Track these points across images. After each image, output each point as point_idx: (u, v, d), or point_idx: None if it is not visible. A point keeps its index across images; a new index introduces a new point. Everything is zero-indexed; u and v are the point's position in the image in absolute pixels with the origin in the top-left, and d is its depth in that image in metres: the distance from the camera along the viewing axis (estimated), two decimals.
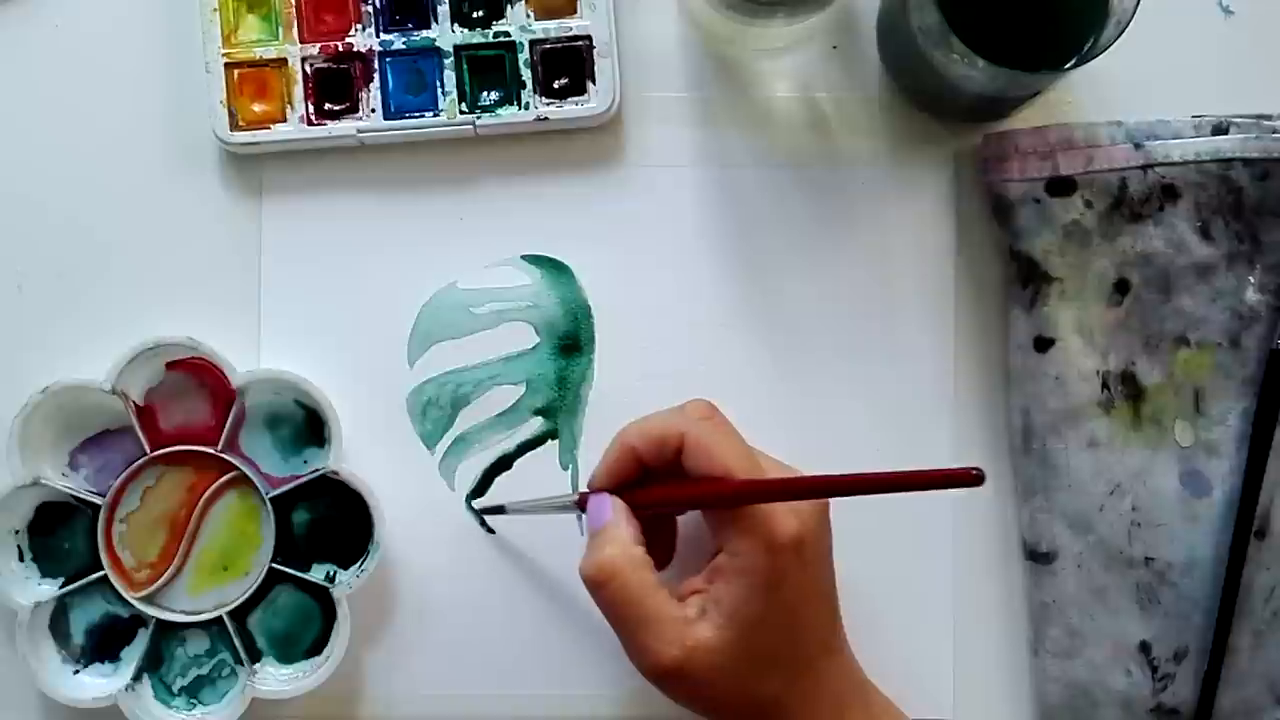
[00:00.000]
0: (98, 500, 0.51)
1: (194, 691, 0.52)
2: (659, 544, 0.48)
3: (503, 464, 0.53)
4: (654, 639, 0.43)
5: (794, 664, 0.45)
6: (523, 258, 0.53)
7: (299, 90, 0.52)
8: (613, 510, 0.45)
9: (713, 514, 0.45)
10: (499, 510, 0.52)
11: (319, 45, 0.52)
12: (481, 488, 0.53)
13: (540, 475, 0.53)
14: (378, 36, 0.52)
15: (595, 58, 0.52)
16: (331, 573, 0.52)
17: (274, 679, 0.51)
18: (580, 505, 0.47)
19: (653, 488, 0.46)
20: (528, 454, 0.53)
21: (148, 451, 0.51)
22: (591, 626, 0.52)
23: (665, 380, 0.52)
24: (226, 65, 0.52)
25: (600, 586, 0.44)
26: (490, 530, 0.53)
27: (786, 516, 0.43)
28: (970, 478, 0.39)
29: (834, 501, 0.46)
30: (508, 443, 0.53)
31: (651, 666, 0.44)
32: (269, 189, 0.53)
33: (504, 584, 0.53)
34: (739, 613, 0.43)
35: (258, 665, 0.52)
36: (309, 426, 0.52)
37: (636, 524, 0.45)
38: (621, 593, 0.44)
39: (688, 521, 0.50)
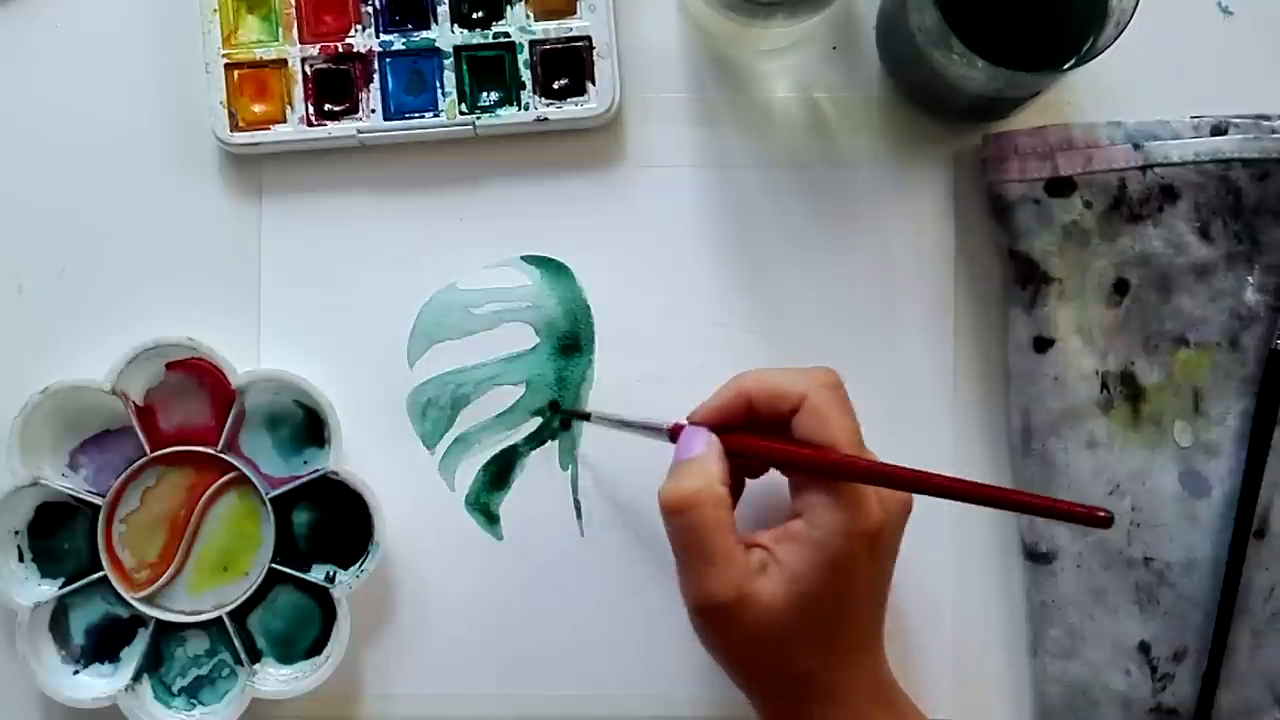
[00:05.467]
0: (98, 500, 0.51)
1: (194, 692, 0.52)
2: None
3: (504, 464, 0.53)
4: (714, 575, 0.43)
5: (835, 648, 0.44)
6: (523, 258, 0.53)
7: (299, 91, 0.52)
8: (706, 444, 0.45)
9: (800, 481, 0.44)
10: (584, 416, 0.52)
11: (319, 46, 0.52)
12: (486, 486, 0.53)
13: (540, 475, 0.53)
14: (378, 37, 0.52)
15: (595, 58, 0.52)
16: (331, 573, 0.52)
17: (274, 679, 0.51)
18: (672, 435, 0.47)
19: (756, 437, 0.46)
20: (530, 454, 0.53)
21: (148, 452, 0.51)
22: (590, 627, 0.52)
23: (665, 380, 0.53)
24: (226, 66, 0.52)
25: (676, 513, 0.44)
26: (499, 537, 0.53)
27: (874, 505, 0.43)
28: (1098, 519, 0.38)
29: None
30: (507, 443, 0.53)
31: (703, 600, 0.43)
32: (269, 189, 0.53)
33: (504, 584, 0.53)
34: (799, 580, 0.43)
35: (257, 665, 0.52)
36: (309, 426, 0.52)
37: (727, 464, 0.45)
38: (696, 524, 0.43)
39: (760, 482, 0.49)
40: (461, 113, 0.52)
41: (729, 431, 0.46)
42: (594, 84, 0.52)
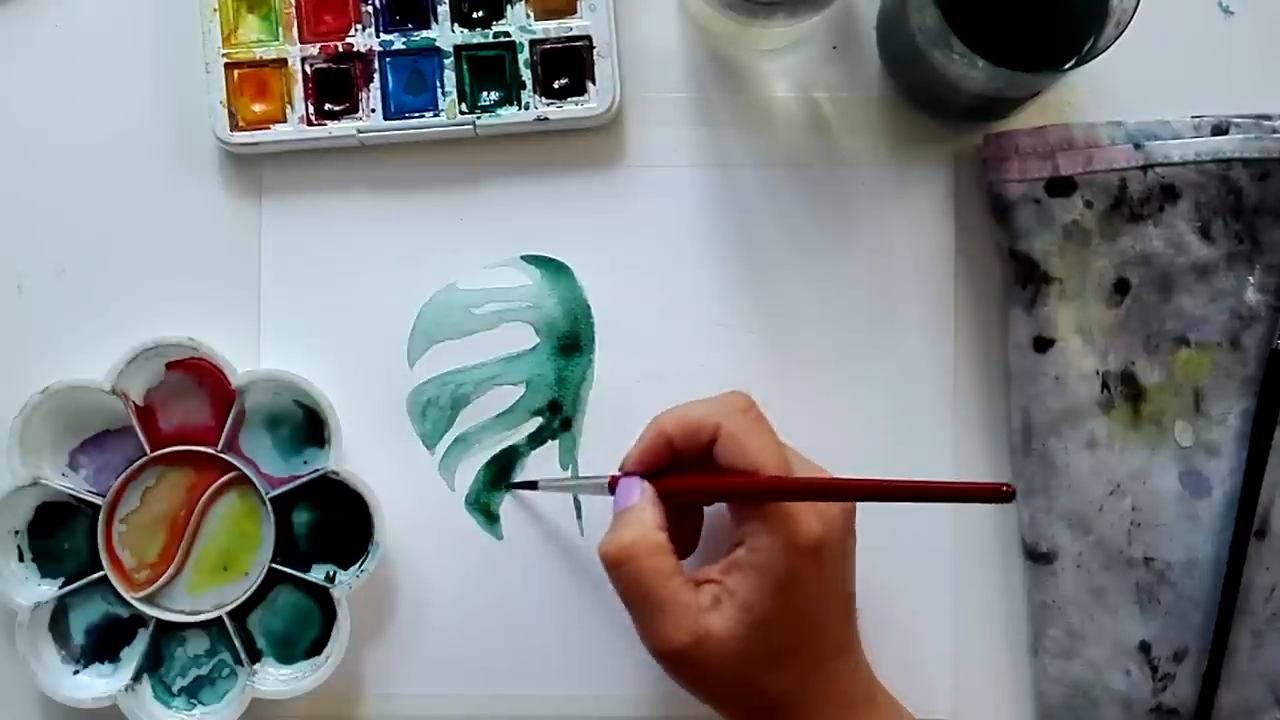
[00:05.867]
0: (98, 500, 0.51)
1: (194, 691, 0.52)
2: (684, 533, 0.48)
3: (504, 464, 0.53)
4: (666, 622, 0.43)
5: (803, 663, 0.45)
6: (523, 258, 0.53)
7: (299, 90, 0.52)
8: (640, 493, 0.45)
9: (737, 508, 0.45)
10: (531, 486, 0.52)
11: (319, 45, 0.52)
12: (486, 486, 0.53)
13: (540, 476, 0.53)
14: (378, 36, 0.52)
15: (595, 58, 0.52)
16: (331, 573, 0.52)
17: (274, 679, 0.51)
18: (611, 487, 0.47)
19: (682, 476, 0.46)
20: (530, 454, 0.53)
21: (148, 452, 0.51)
22: (590, 627, 0.52)
23: (665, 380, 0.53)
24: (226, 65, 0.52)
25: (618, 566, 0.44)
26: (499, 537, 0.53)
27: (810, 518, 0.43)
28: (1000, 494, 0.39)
29: None
30: (507, 443, 0.53)
31: (660, 649, 0.44)
32: (269, 189, 0.53)
33: (504, 584, 0.53)
34: (751, 608, 0.43)
35: (257, 665, 0.52)
36: (309, 426, 0.52)
37: (662, 509, 0.45)
38: (638, 575, 0.44)
39: (712, 513, 0.50)
40: (461, 112, 0.52)
41: (662, 474, 0.46)
42: (594, 84, 0.52)
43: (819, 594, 0.44)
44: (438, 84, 0.52)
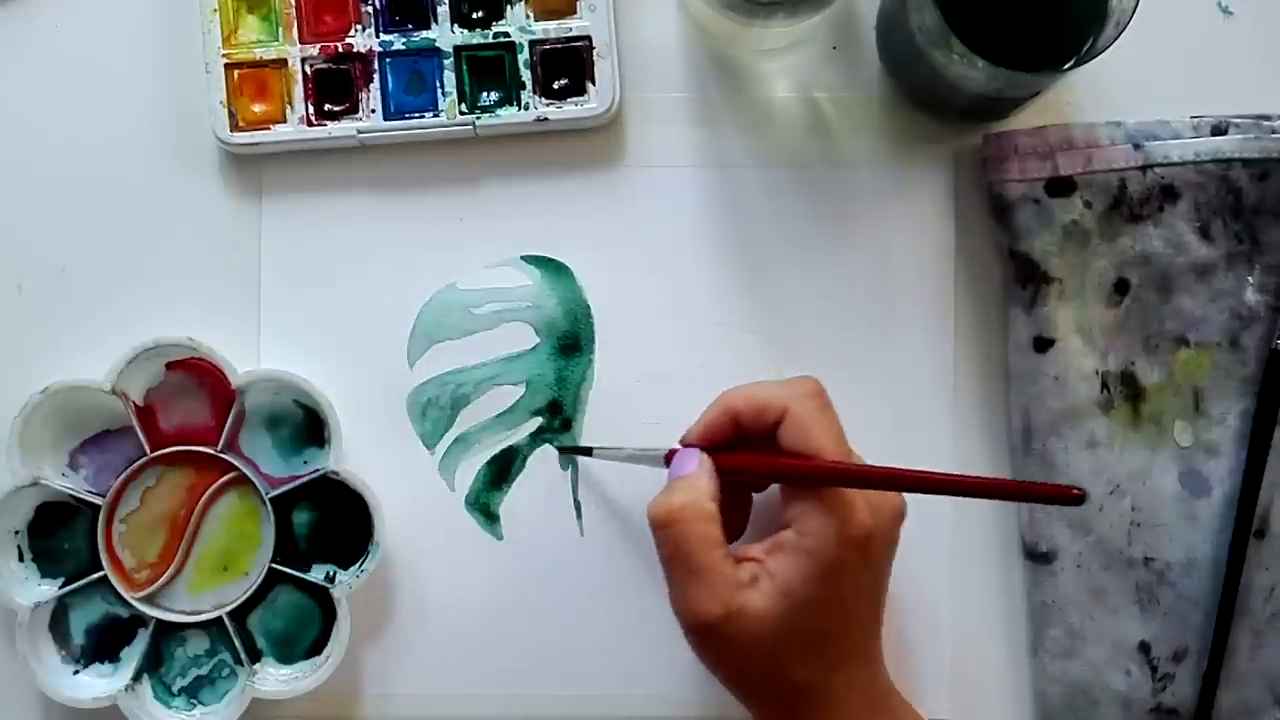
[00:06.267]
0: (98, 500, 0.51)
1: (194, 691, 0.52)
2: (733, 516, 0.48)
3: (504, 464, 0.53)
4: (702, 591, 0.43)
5: (831, 656, 0.44)
6: (522, 258, 0.53)
7: (299, 91, 0.52)
8: (698, 464, 0.45)
9: (790, 491, 0.45)
10: (586, 451, 0.52)
11: (319, 46, 0.52)
12: (486, 486, 0.53)
13: (540, 475, 0.53)
14: (378, 37, 0.52)
15: (595, 58, 0.52)
16: (331, 573, 0.52)
17: (274, 679, 0.51)
18: (667, 461, 0.47)
19: (742, 453, 0.46)
20: (530, 454, 0.53)
21: (148, 452, 0.51)
22: (590, 628, 0.52)
23: (665, 380, 0.53)
24: (226, 66, 0.52)
25: (663, 527, 0.44)
26: (499, 537, 0.53)
27: (863, 511, 0.43)
28: (1070, 497, 0.39)
29: None
30: (507, 443, 0.53)
31: (692, 617, 0.44)
32: (269, 189, 0.53)
33: (504, 584, 0.53)
34: (790, 591, 0.43)
35: (257, 665, 0.52)
36: (309, 426, 0.52)
37: (717, 481, 0.45)
38: (682, 539, 0.44)
39: (760, 498, 0.50)
40: (461, 113, 0.52)
41: (721, 450, 0.46)
42: (594, 84, 0.52)
43: (857, 588, 0.44)
44: (438, 84, 0.52)
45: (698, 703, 0.52)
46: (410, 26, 0.52)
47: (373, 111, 0.52)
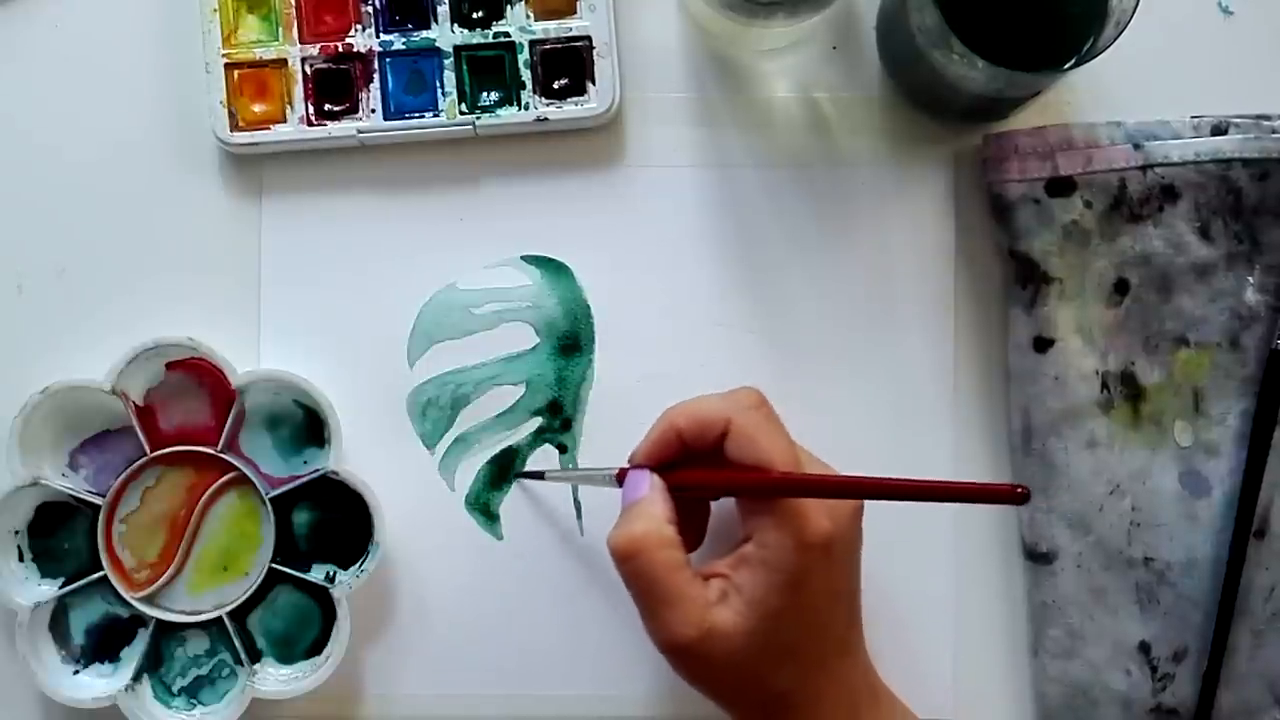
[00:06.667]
0: (98, 500, 0.51)
1: (194, 692, 0.52)
2: (691, 527, 0.48)
3: (504, 464, 0.53)
4: (673, 616, 0.43)
5: (809, 660, 0.45)
6: (523, 258, 0.53)
7: (299, 90, 0.52)
8: (649, 486, 0.45)
9: (746, 503, 0.45)
10: (538, 476, 0.52)
11: (319, 45, 0.52)
12: (486, 486, 0.53)
13: (546, 467, 0.53)
14: (378, 37, 0.52)
15: (595, 58, 0.52)
16: (331, 573, 0.52)
17: (274, 679, 0.51)
18: (619, 480, 0.47)
19: (692, 470, 0.46)
20: (530, 454, 0.53)
21: (148, 452, 0.51)
22: (590, 627, 0.52)
23: (665, 380, 0.52)
24: (226, 66, 0.52)
25: (627, 559, 0.44)
26: (499, 537, 0.53)
27: (820, 515, 0.43)
28: (1015, 495, 0.39)
29: None
30: (507, 443, 0.53)
31: (667, 641, 0.44)
32: (269, 189, 0.53)
33: (503, 584, 0.53)
34: (759, 604, 0.43)
35: (257, 665, 0.52)
36: (309, 426, 0.52)
37: (671, 502, 0.45)
38: (647, 568, 0.44)
39: (719, 506, 0.50)
40: (461, 113, 0.52)
41: (671, 468, 0.46)
42: (594, 84, 0.52)
43: (826, 591, 0.44)
44: (438, 84, 0.52)
45: (698, 702, 0.52)
46: (410, 26, 0.52)
47: (373, 111, 0.52)
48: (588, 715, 0.53)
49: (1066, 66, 0.45)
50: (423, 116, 0.52)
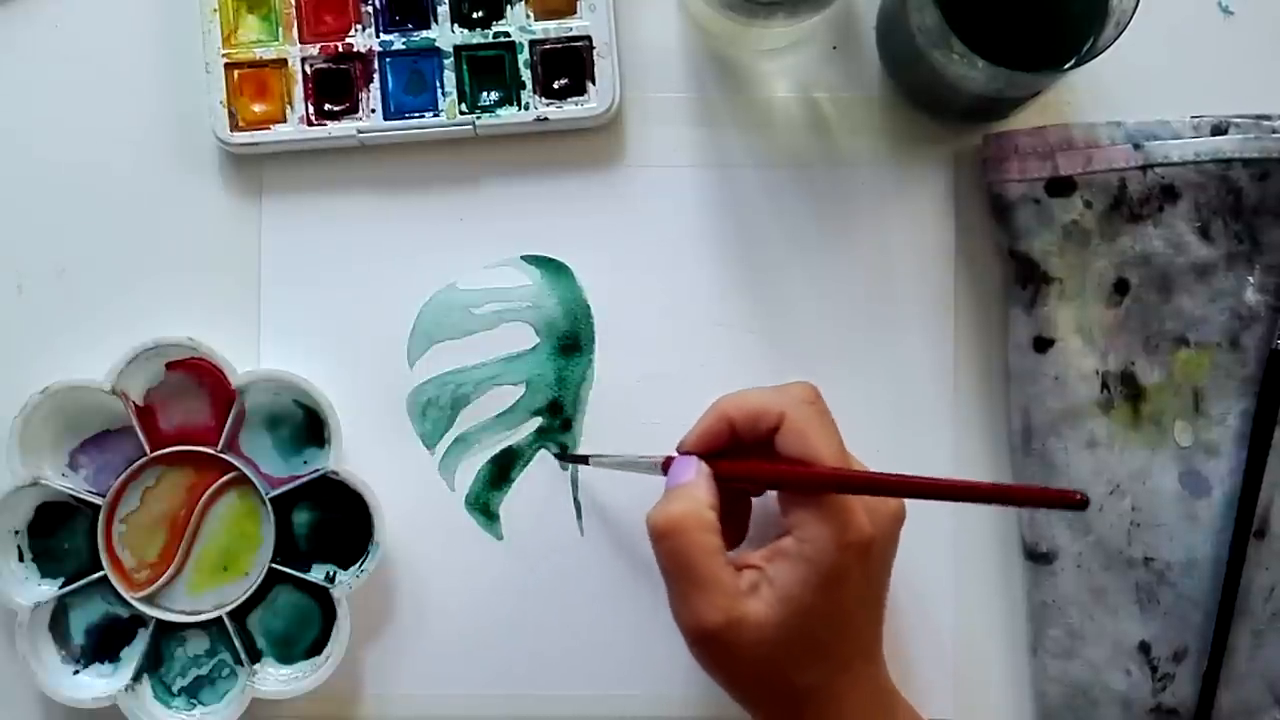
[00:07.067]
0: (98, 500, 0.51)
1: (194, 691, 0.52)
2: (732, 522, 0.47)
3: (504, 464, 0.53)
4: (703, 600, 0.43)
5: (834, 660, 0.44)
6: (523, 258, 0.53)
7: (299, 90, 0.52)
8: (695, 471, 0.45)
9: (789, 497, 0.44)
10: (583, 460, 0.51)
11: (319, 45, 0.52)
12: (486, 486, 0.53)
13: (540, 475, 0.53)
14: (378, 37, 0.52)
15: (595, 58, 0.52)
16: (331, 573, 0.52)
17: (274, 679, 0.51)
18: (664, 468, 0.47)
19: (740, 460, 0.46)
20: (530, 454, 0.53)
21: (148, 452, 0.51)
22: (591, 627, 0.52)
23: (665, 380, 0.53)
24: (226, 66, 0.52)
25: (664, 538, 0.44)
26: (499, 537, 0.53)
27: (862, 517, 0.43)
28: (1075, 501, 0.38)
29: None
30: (507, 443, 0.53)
31: (694, 626, 0.43)
32: (269, 189, 0.53)
33: (504, 584, 0.53)
34: (791, 598, 0.43)
35: (257, 665, 0.52)
36: (309, 426, 0.52)
37: (715, 490, 0.45)
38: (683, 548, 0.43)
39: (759, 503, 0.50)
40: (461, 113, 0.52)
41: (719, 457, 0.46)
42: (594, 84, 0.52)
43: (858, 594, 0.44)
44: (438, 84, 0.52)
45: (697, 702, 0.52)
46: (410, 26, 0.52)
47: (373, 111, 0.52)
48: (588, 715, 0.53)
49: (1066, 66, 0.45)
50: (423, 116, 0.52)
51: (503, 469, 0.53)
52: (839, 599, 0.43)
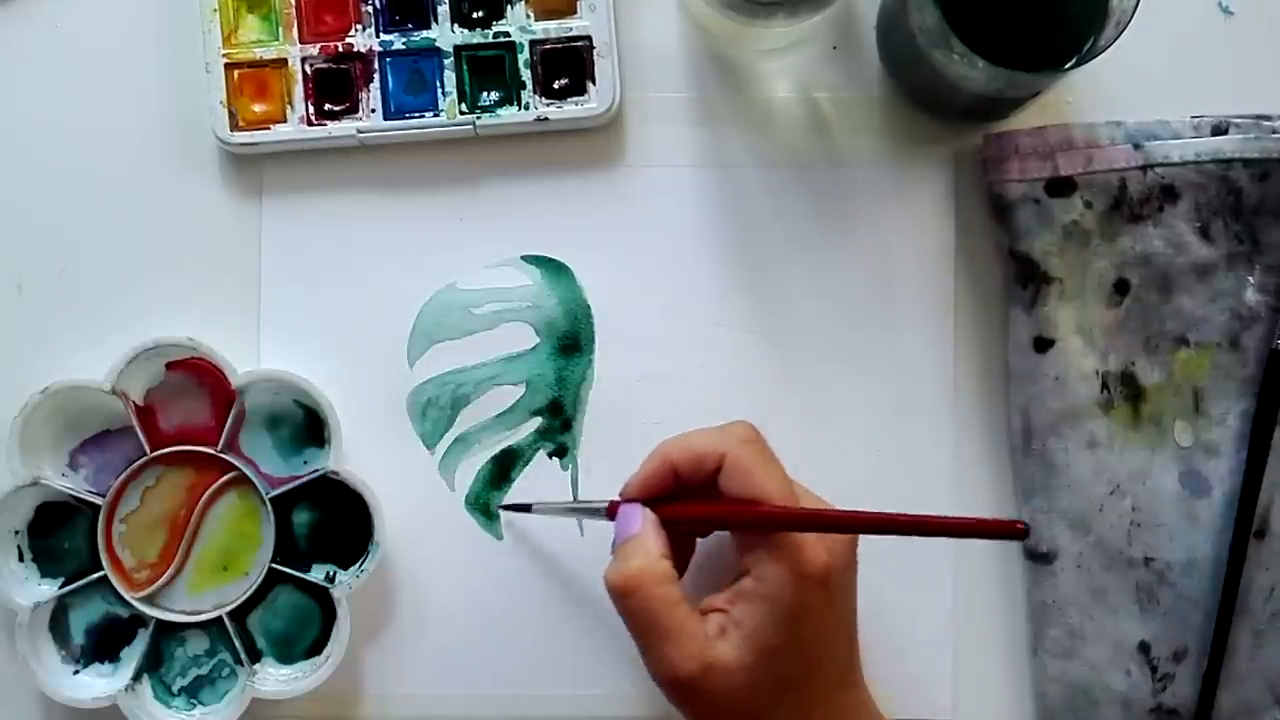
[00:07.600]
0: (98, 500, 0.51)
1: (194, 691, 0.52)
2: (676, 561, 0.47)
3: (504, 464, 0.53)
4: (674, 651, 0.43)
5: (809, 693, 0.44)
6: (523, 258, 0.53)
7: (299, 90, 0.52)
8: (643, 521, 0.45)
9: (743, 537, 0.45)
10: (524, 509, 0.51)
11: (319, 45, 0.52)
12: (486, 486, 0.53)
13: (540, 475, 0.53)
14: (378, 36, 0.52)
15: (595, 58, 0.52)
16: (331, 573, 0.52)
17: (274, 679, 0.51)
18: (610, 513, 0.47)
19: (686, 504, 0.46)
20: (530, 454, 0.53)
21: (148, 452, 0.51)
22: (591, 627, 0.52)
23: (665, 380, 0.53)
24: (226, 65, 0.52)
25: (626, 596, 0.44)
26: (498, 537, 0.53)
27: (816, 548, 0.43)
28: (1015, 530, 0.38)
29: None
30: (507, 443, 0.53)
31: (668, 677, 0.44)
32: (269, 189, 0.53)
33: (503, 584, 0.53)
34: (759, 638, 0.43)
35: (257, 665, 0.52)
36: (309, 426, 0.52)
37: (665, 537, 0.45)
38: (646, 604, 0.44)
39: (715, 541, 0.50)
40: (461, 112, 0.52)
41: (663, 501, 0.46)
42: (594, 84, 0.52)
43: (825, 624, 0.44)
44: (438, 84, 0.52)
45: None
46: (410, 26, 0.52)
47: (373, 111, 0.52)
48: (588, 715, 0.53)
49: (1066, 66, 0.45)
50: (423, 116, 0.52)
51: (503, 469, 0.53)
52: (807, 633, 0.44)
